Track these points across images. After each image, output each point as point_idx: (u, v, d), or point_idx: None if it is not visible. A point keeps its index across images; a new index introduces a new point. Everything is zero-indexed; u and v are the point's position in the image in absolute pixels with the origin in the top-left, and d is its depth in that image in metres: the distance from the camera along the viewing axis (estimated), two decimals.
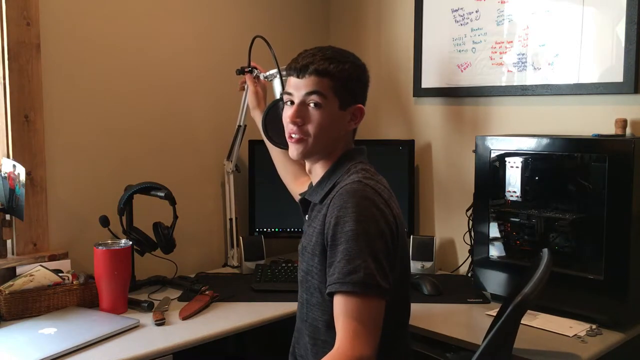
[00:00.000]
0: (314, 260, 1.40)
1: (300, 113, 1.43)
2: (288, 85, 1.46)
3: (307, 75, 1.42)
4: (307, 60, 1.43)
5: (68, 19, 2.06)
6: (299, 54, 1.48)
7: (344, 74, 1.42)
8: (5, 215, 1.96)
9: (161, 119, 2.33)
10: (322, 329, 1.41)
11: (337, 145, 1.48)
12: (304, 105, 1.43)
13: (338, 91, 1.42)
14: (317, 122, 1.42)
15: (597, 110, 2.06)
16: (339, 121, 1.45)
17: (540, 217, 1.97)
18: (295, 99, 1.44)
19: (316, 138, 1.43)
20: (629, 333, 1.77)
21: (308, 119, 1.43)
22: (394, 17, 2.65)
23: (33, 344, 1.60)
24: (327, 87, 1.41)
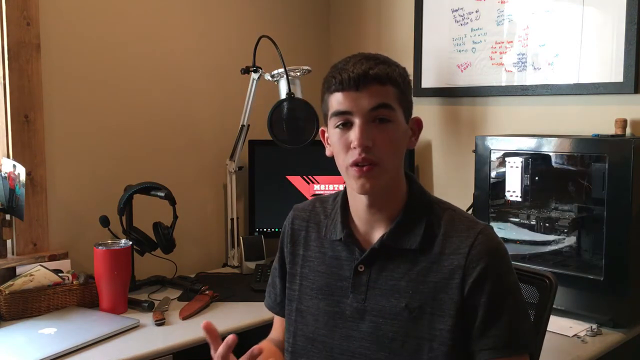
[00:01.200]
0: (444, 322, 1.11)
1: (369, 133, 1.12)
2: (337, 104, 1.15)
3: (369, 85, 1.12)
4: (364, 67, 1.12)
5: (68, 19, 2.06)
6: (337, 65, 1.20)
7: (402, 79, 1.16)
8: (5, 215, 1.96)
9: (161, 118, 2.33)
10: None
11: (402, 171, 1.20)
12: (369, 122, 1.12)
13: (401, 100, 1.15)
14: (388, 142, 1.13)
15: (597, 110, 2.06)
16: (406, 137, 1.19)
17: (540, 217, 1.97)
18: (356, 118, 1.12)
19: (389, 162, 1.14)
20: (629, 333, 1.77)
21: (376, 139, 1.12)
22: (394, 17, 2.65)
23: (33, 344, 1.60)
24: (392, 97, 1.13)
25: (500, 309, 1.11)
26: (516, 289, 1.15)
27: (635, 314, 1.79)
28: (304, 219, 1.30)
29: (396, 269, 1.16)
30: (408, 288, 1.14)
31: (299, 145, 2.20)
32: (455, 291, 1.11)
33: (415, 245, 1.15)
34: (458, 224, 1.16)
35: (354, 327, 1.18)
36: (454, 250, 1.13)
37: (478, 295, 1.10)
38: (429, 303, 1.12)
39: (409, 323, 1.13)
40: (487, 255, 1.11)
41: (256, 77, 2.32)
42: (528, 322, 1.16)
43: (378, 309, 1.16)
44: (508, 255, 1.16)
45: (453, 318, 1.11)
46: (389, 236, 1.16)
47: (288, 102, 2.18)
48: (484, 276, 1.10)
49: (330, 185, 2.50)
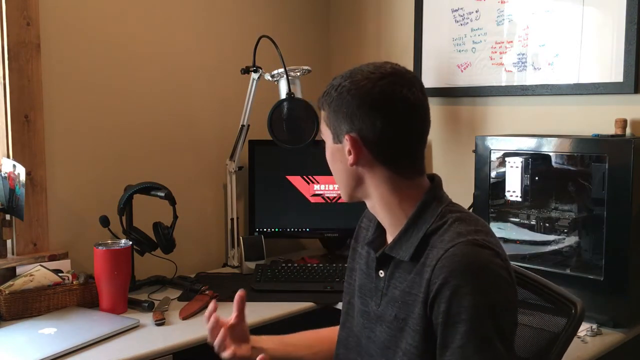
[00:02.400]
0: (414, 339, 1.08)
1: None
2: None
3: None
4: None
5: (68, 19, 2.06)
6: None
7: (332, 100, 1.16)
8: (5, 215, 1.96)
9: (162, 118, 2.33)
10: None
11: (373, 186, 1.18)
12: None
13: (330, 121, 1.19)
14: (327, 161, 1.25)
15: (597, 110, 2.06)
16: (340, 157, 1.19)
17: (540, 217, 1.97)
18: None
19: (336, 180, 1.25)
20: (629, 333, 1.77)
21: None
22: (394, 17, 2.65)
23: (33, 344, 1.60)
24: (324, 120, 1.21)
25: (453, 332, 1.02)
26: (479, 313, 1.01)
27: (635, 314, 1.79)
28: (370, 218, 1.32)
29: (399, 278, 1.15)
30: (399, 298, 1.14)
31: (299, 145, 2.20)
32: (422, 306, 1.07)
33: (407, 258, 1.12)
34: (448, 234, 1.09)
35: (372, 329, 1.21)
36: (429, 263, 1.08)
37: (437, 314, 1.05)
38: (410, 316, 1.10)
39: (397, 333, 1.13)
40: (447, 270, 1.03)
41: (256, 77, 2.32)
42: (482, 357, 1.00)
43: (384, 315, 1.17)
44: (484, 276, 1.04)
45: (419, 334, 1.07)
46: (389, 247, 1.17)
47: (288, 102, 2.18)
48: (440, 294, 1.03)
49: (330, 185, 2.50)
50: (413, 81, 1.16)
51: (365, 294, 1.24)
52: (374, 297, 1.21)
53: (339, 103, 1.14)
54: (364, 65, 1.17)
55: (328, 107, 1.18)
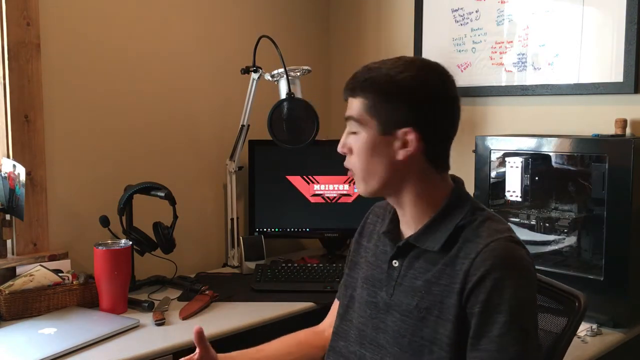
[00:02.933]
0: (446, 328, 1.10)
1: (345, 141, 1.20)
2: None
3: (349, 97, 1.19)
4: (349, 80, 1.19)
5: (68, 19, 2.06)
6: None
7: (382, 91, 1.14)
8: (5, 215, 1.96)
9: (162, 118, 2.33)
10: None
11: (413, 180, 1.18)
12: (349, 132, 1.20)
13: (376, 112, 1.14)
14: (355, 152, 1.18)
15: (597, 110, 2.06)
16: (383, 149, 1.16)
17: (540, 217, 1.97)
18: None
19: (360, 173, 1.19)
20: (629, 333, 1.77)
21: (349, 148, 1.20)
22: (394, 17, 2.65)
23: (33, 344, 1.60)
24: (362, 109, 1.15)
25: (492, 322, 1.05)
26: (518, 306, 1.05)
27: (635, 314, 1.80)
28: (377, 214, 1.35)
29: (419, 268, 1.17)
30: (422, 288, 1.15)
31: (299, 145, 2.20)
32: (456, 296, 1.09)
33: (437, 248, 1.14)
34: (483, 231, 1.12)
35: (382, 319, 1.21)
36: (466, 255, 1.10)
37: (473, 304, 1.07)
38: (436, 306, 1.12)
39: (417, 322, 1.14)
40: (490, 263, 1.07)
41: (256, 77, 2.32)
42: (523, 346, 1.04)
43: (399, 304, 1.18)
44: (520, 269, 1.08)
45: (452, 324, 1.09)
46: (414, 237, 1.18)
47: (288, 102, 2.18)
48: (481, 284, 1.06)
49: (330, 185, 2.50)
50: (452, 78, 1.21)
51: (374, 284, 1.25)
52: (384, 287, 1.22)
53: (397, 93, 1.13)
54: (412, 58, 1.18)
55: (374, 95, 1.14)
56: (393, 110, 1.13)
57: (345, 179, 2.49)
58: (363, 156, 1.17)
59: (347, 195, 2.50)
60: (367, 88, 1.15)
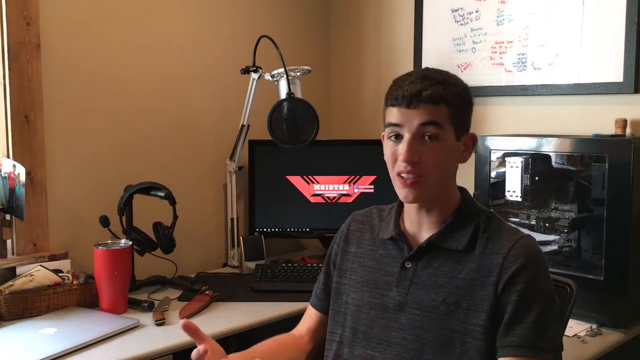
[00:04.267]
0: (480, 318, 1.17)
1: (415, 149, 1.20)
2: (391, 116, 1.23)
3: (421, 104, 1.19)
4: (418, 87, 1.20)
5: (68, 19, 2.06)
6: (397, 80, 1.26)
7: (458, 99, 1.23)
8: (5, 215, 1.96)
9: (162, 118, 2.33)
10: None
11: (453, 181, 1.30)
12: (418, 138, 1.20)
13: (454, 119, 1.22)
14: (434, 158, 1.21)
15: (597, 110, 2.06)
16: (455, 153, 1.26)
17: (540, 217, 1.97)
18: (405, 132, 1.21)
19: (434, 176, 1.22)
20: (629, 333, 1.77)
21: (423, 154, 1.21)
22: (394, 17, 2.65)
23: (33, 344, 1.60)
24: (443, 116, 1.21)
25: (528, 309, 1.15)
26: (548, 296, 1.18)
27: (635, 314, 1.80)
28: (361, 222, 1.40)
29: (440, 267, 1.23)
30: (448, 284, 1.21)
31: (299, 145, 2.20)
32: (490, 288, 1.17)
33: (462, 247, 1.22)
34: (503, 230, 1.24)
35: (394, 318, 1.25)
36: (495, 251, 1.20)
37: (510, 293, 1.16)
38: (465, 298, 1.19)
39: (445, 317, 1.20)
40: (524, 257, 1.17)
41: (256, 77, 2.33)
42: (556, 329, 1.18)
43: (418, 302, 1.23)
44: (546, 264, 1.20)
45: (486, 314, 1.16)
46: (437, 237, 1.25)
47: (288, 102, 2.18)
48: (517, 275, 1.16)
49: (330, 185, 2.50)
50: None
51: (378, 286, 1.29)
52: (394, 288, 1.26)
53: (466, 104, 1.26)
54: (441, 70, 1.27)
55: (456, 105, 1.22)
56: (463, 118, 1.25)
57: (345, 179, 2.49)
58: (443, 161, 1.23)
59: (347, 195, 2.50)
60: (449, 97, 1.21)
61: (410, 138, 1.20)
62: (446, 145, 1.22)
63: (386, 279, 1.28)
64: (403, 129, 1.21)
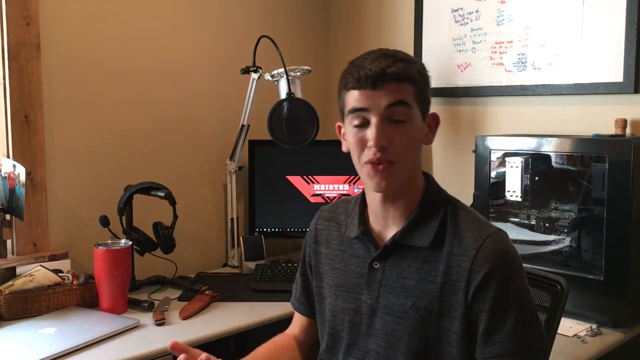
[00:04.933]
0: (453, 324, 1.10)
1: (385, 132, 1.11)
2: (354, 101, 1.13)
3: (386, 84, 1.10)
4: (382, 65, 1.11)
5: (68, 19, 2.06)
6: (355, 61, 1.16)
7: (421, 76, 1.16)
8: (5, 215, 1.96)
9: (162, 118, 2.33)
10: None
11: (419, 167, 1.20)
12: (386, 121, 1.11)
13: (419, 97, 1.14)
14: (405, 141, 1.12)
15: (597, 110, 2.06)
16: (422, 135, 1.17)
17: (540, 217, 1.97)
18: (372, 116, 1.11)
19: (405, 161, 1.13)
20: (629, 333, 1.77)
21: (393, 137, 1.11)
22: (394, 17, 2.65)
23: (33, 344, 1.60)
24: (410, 94, 1.12)
25: (504, 316, 1.07)
26: (524, 297, 1.10)
27: (635, 314, 1.79)
28: (327, 219, 1.32)
29: (408, 267, 1.15)
30: (416, 287, 1.13)
31: (299, 145, 2.20)
32: (461, 294, 1.09)
33: (427, 244, 1.14)
34: (470, 225, 1.14)
35: (368, 324, 1.19)
36: (462, 252, 1.11)
37: (482, 301, 1.08)
38: (436, 304, 1.11)
39: (416, 322, 1.13)
40: (492, 260, 1.08)
41: (256, 77, 2.33)
42: (536, 331, 1.10)
43: (389, 306, 1.16)
44: (518, 261, 1.13)
45: (460, 320, 1.10)
46: (401, 234, 1.16)
47: (288, 102, 2.18)
48: (487, 281, 1.08)
49: (330, 185, 2.50)
50: None
51: (349, 290, 1.22)
52: (366, 290, 1.19)
53: (427, 82, 1.18)
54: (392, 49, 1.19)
55: (419, 82, 1.15)
56: (427, 97, 1.17)
57: (345, 179, 2.49)
58: (412, 143, 1.14)
59: (347, 195, 2.50)
60: (414, 75, 1.13)
61: (379, 121, 1.11)
62: (415, 126, 1.14)
63: (356, 282, 1.21)
64: (369, 112, 1.11)
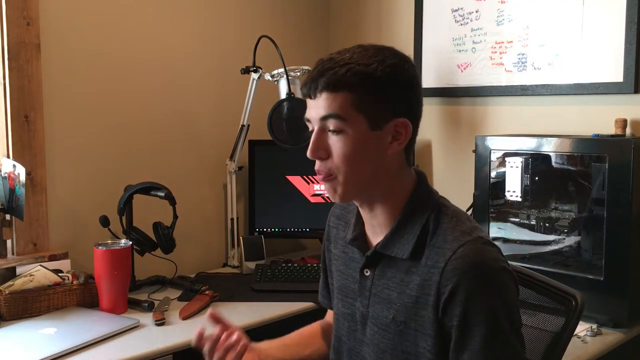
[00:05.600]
0: (428, 342, 1.05)
1: (320, 143, 1.08)
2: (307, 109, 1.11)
3: (319, 94, 1.06)
4: (316, 72, 1.07)
5: (68, 19, 2.06)
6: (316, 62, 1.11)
7: (369, 82, 1.05)
8: (5, 215, 1.96)
9: (162, 118, 2.33)
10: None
11: (395, 176, 1.12)
12: (324, 132, 1.08)
13: (362, 106, 1.05)
14: (341, 154, 1.06)
15: (597, 110, 2.06)
16: (374, 145, 1.08)
17: (540, 217, 1.97)
18: (314, 126, 1.09)
19: (347, 173, 1.07)
20: (629, 333, 1.77)
21: (330, 150, 1.08)
22: (394, 17, 2.65)
23: (33, 344, 1.60)
24: (346, 105, 1.05)
25: (471, 335, 1.00)
26: (495, 315, 1.00)
27: (635, 314, 1.79)
28: (338, 216, 1.31)
29: (392, 278, 1.12)
30: (397, 300, 1.10)
31: (299, 145, 2.20)
32: (431, 310, 1.04)
33: (406, 255, 1.09)
34: (450, 233, 1.06)
35: (362, 331, 1.17)
36: (434, 263, 1.05)
37: (451, 317, 1.02)
38: (412, 318, 1.07)
39: (396, 336, 1.10)
40: (460, 274, 1.01)
41: (256, 77, 2.33)
42: (508, 353, 1.01)
43: (376, 316, 1.14)
44: (492, 274, 1.02)
45: (432, 338, 1.05)
46: (382, 244, 1.12)
47: (288, 102, 2.18)
48: (454, 297, 1.01)
49: None
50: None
51: (347, 294, 1.21)
52: (358, 298, 1.17)
53: (387, 86, 1.06)
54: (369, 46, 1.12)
55: (364, 90, 1.04)
56: (382, 103, 1.06)
57: None
58: (352, 156, 1.06)
59: None
60: (352, 81, 1.04)
61: (317, 132, 1.08)
62: (355, 137, 1.05)
63: (352, 287, 1.19)
64: (311, 123, 1.09)
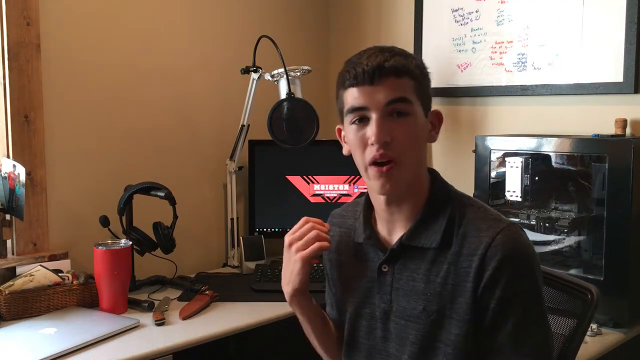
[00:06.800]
0: (462, 328, 1.07)
1: (386, 128, 1.08)
2: (352, 99, 1.10)
3: (384, 78, 1.08)
4: (378, 59, 1.09)
5: (68, 19, 2.06)
6: (351, 59, 1.15)
7: (420, 70, 1.13)
8: (5, 215, 1.96)
9: (162, 118, 2.33)
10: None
11: (425, 166, 1.17)
12: (386, 117, 1.08)
13: (419, 92, 1.12)
14: (408, 136, 1.09)
15: (597, 110, 2.06)
16: (425, 132, 1.15)
17: (540, 217, 1.97)
18: (372, 113, 1.08)
19: (409, 158, 1.10)
20: (629, 333, 1.77)
21: (395, 133, 1.08)
22: (394, 17, 2.65)
23: (33, 344, 1.60)
24: (409, 89, 1.10)
25: (507, 315, 1.05)
26: (531, 298, 1.06)
27: (635, 314, 1.79)
28: (337, 224, 1.32)
29: (417, 270, 1.13)
30: (426, 290, 1.11)
31: (299, 145, 2.20)
32: (470, 294, 1.06)
33: (435, 244, 1.11)
34: (479, 222, 1.09)
35: (384, 327, 1.18)
36: (472, 251, 1.07)
37: (488, 300, 1.06)
38: (447, 306, 1.09)
39: (427, 326, 1.11)
40: (501, 258, 1.04)
41: (256, 77, 2.33)
42: (539, 337, 1.06)
43: (401, 310, 1.14)
44: (531, 259, 1.08)
45: (467, 323, 1.07)
46: (407, 236, 1.14)
47: (288, 102, 2.18)
48: (494, 280, 1.05)
49: (330, 185, 2.50)
50: None
51: (362, 294, 1.21)
52: (378, 294, 1.18)
53: (427, 77, 1.16)
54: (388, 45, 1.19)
55: (419, 77, 1.12)
56: (428, 92, 1.15)
57: (345, 179, 2.49)
58: (417, 139, 1.11)
59: (347, 196, 2.50)
60: (412, 68, 1.11)
61: (379, 117, 1.08)
62: (417, 121, 1.11)
63: (368, 286, 1.20)
64: (369, 110, 1.08)
